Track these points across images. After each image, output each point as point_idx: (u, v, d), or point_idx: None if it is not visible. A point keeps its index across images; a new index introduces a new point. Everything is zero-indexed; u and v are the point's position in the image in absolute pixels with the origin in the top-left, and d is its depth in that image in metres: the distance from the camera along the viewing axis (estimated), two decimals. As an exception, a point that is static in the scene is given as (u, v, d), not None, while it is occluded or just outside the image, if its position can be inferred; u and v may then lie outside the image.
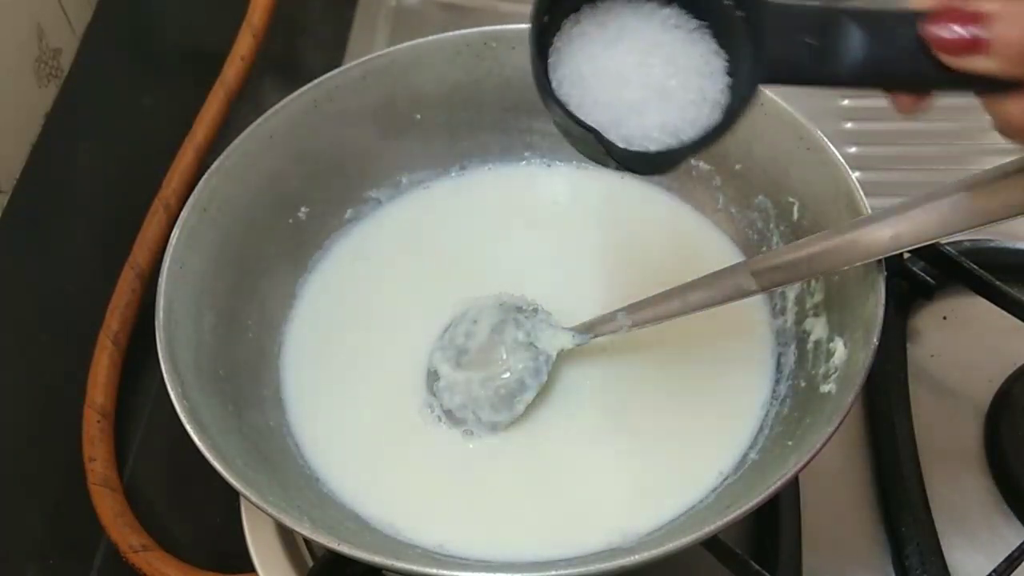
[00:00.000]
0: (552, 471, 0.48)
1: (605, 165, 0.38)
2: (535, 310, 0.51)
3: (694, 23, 0.37)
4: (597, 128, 0.36)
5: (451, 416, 0.49)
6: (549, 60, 0.37)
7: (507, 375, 0.49)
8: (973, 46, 0.33)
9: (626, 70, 0.36)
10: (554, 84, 0.36)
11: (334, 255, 0.56)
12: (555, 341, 0.49)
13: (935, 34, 0.34)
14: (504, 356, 0.49)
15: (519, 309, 0.51)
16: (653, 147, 0.36)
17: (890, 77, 0.36)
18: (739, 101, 0.37)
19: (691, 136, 0.36)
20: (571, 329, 0.49)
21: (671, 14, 0.37)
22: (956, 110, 0.72)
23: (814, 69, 0.36)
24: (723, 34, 0.37)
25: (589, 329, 0.49)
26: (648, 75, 0.36)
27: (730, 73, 0.37)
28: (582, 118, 0.36)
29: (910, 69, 0.35)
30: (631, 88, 0.36)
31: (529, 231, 0.57)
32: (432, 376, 0.50)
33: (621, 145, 0.36)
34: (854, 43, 0.35)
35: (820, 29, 0.35)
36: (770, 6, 0.36)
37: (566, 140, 0.38)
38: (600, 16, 0.37)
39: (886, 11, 0.36)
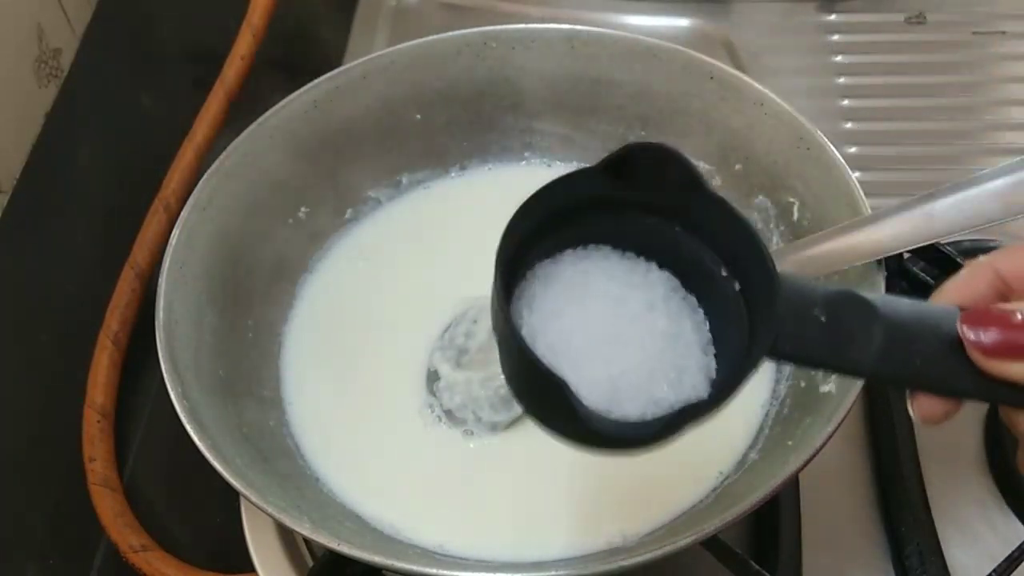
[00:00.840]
0: (552, 471, 0.48)
1: (564, 435, 0.32)
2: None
3: (679, 290, 0.34)
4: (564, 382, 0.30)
5: (451, 416, 0.49)
6: (516, 301, 0.33)
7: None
8: (1015, 351, 0.31)
9: (595, 337, 0.33)
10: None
11: (334, 255, 0.56)
12: None
13: (972, 335, 0.32)
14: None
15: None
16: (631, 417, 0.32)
17: (916, 375, 0.33)
18: (736, 376, 0.32)
19: (670, 410, 0.32)
20: None
21: (647, 275, 0.34)
22: (956, 110, 0.72)
23: (827, 353, 0.32)
24: (713, 302, 0.34)
25: None
26: (624, 349, 0.33)
27: (717, 343, 0.34)
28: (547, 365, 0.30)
29: (937, 369, 0.33)
30: (600, 358, 0.32)
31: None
32: (432, 376, 0.50)
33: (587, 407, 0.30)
34: (874, 329, 0.32)
35: (835, 309, 0.32)
36: (782, 279, 0.32)
37: (518, 401, 0.33)
38: (576, 266, 0.34)
39: (913, 302, 0.33)
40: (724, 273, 0.34)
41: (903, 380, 0.34)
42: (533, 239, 0.34)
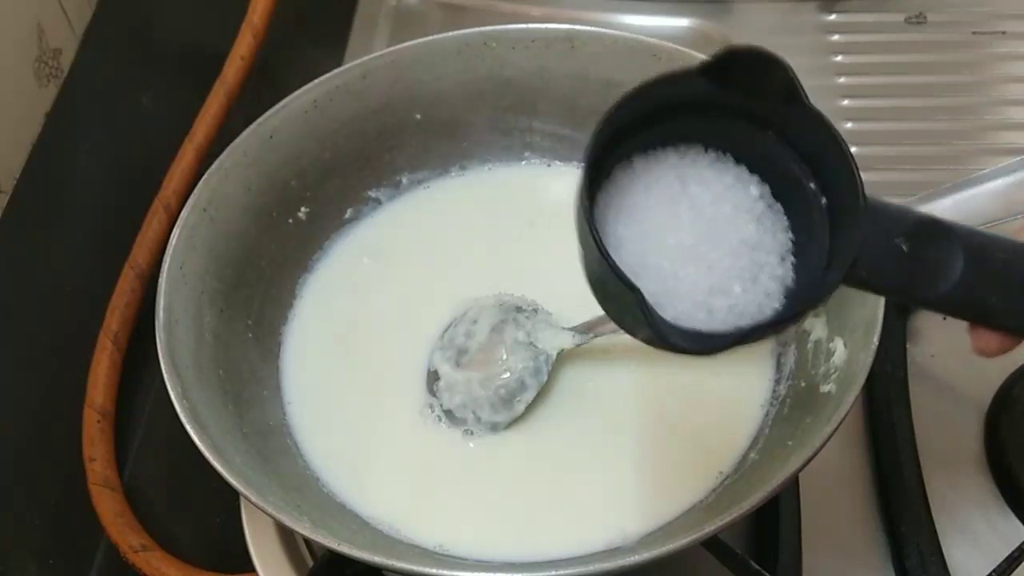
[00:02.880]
0: (552, 471, 0.48)
1: (634, 335, 0.33)
2: (535, 310, 0.51)
3: (766, 197, 0.34)
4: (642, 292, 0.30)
5: (451, 416, 0.49)
6: (597, 206, 0.33)
7: (507, 375, 0.48)
8: None
9: (681, 238, 0.33)
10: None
11: (334, 255, 0.56)
12: (555, 341, 0.49)
13: None
14: (504, 356, 0.49)
15: (519, 309, 0.51)
16: (700, 326, 0.32)
17: (986, 309, 0.33)
18: (810, 297, 0.32)
19: (746, 322, 0.32)
20: (571, 329, 0.49)
21: (738, 178, 0.34)
22: (956, 110, 0.72)
23: (902, 283, 0.32)
24: (797, 213, 0.34)
25: (589, 329, 0.49)
26: (706, 250, 0.33)
27: (797, 255, 0.34)
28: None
29: (1012, 306, 0.33)
30: (681, 259, 0.33)
31: (529, 231, 0.57)
32: (432, 376, 0.50)
33: (665, 317, 0.31)
34: (955, 263, 0.32)
35: (919, 239, 0.32)
36: (867, 202, 0.32)
37: (595, 296, 0.34)
38: (657, 169, 0.33)
39: (997, 237, 0.33)
40: (813, 187, 0.33)
41: (973, 314, 0.34)
42: (626, 135, 0.33)
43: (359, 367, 0.52)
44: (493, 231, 0.57)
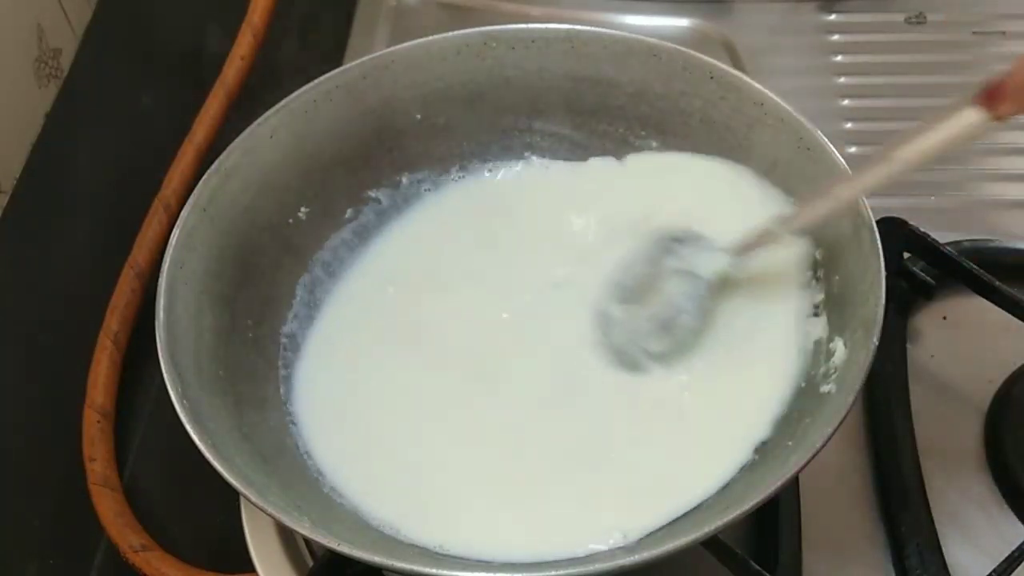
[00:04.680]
0: (553, 471, 0.48)
1: None
2: (690, 237, 0.51)
3: None
4: None
5: (622, 354, 0.50)
6: None
7: (664, 304, 0.50)
8: None
9: None
10: None
11: (334, 255, 0.56)
12: (712, 264, 0.49)
13: None
14: (662, 287, 0.50)
15: (675, 239, 0.51)
16: None
17: None
18: None
19: None
20: (727, 250, 0.49)
21: None
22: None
23: None
24: None
25: (745, 248, 0.49)
26: None
27: None
28: None
29: None
30: None
31: (529, 230, 0.57)
32: (602, 319, 0.51)
33: None
34: None
35: None
36: None
37: None
38: None
39: None
40: None
41: None
42: None
43: (358, 367, 0.52)
44: (493, 231, 0.57)
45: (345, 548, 0.39)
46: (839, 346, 0.46)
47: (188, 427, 0.42)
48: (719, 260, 0.49)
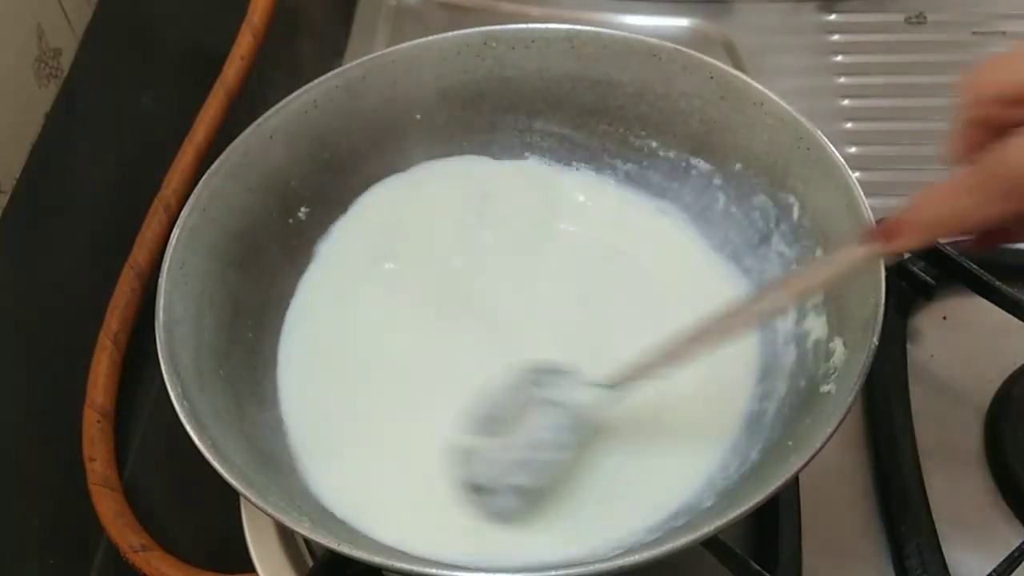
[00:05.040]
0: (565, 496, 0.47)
1: None
2: (556, 371, 0.48)
3: None
4: None
5: (481, 491, 0.46)
6: None
7: (533, 439, 0.46)
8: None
9: None
10: None
11: (334, 255, 0.56)
12: (580, 397, 0.46)
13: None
14: (528, 422, 0.46)
15: (540, 371, 0.48)
16: None
17: None
18: None
19: None
20: (598, 385, 0.46)
21: None
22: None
23: None
24: None
25: (618, 381, 0.45)
26: None
27: None
28: None
29: None
30: None
31: (529, 229, 0.57)
32: (460, 455, 0.47)
33: None
34: None
35: None
36: None
37: None
38: None
39: None
40: None
41: None
42: None
43: (357, 368, 0.52)
44: (493, 231, 0.57)
45: (345, 548, 0.39)
46: (839, 346, 0.46)
47: (188, 427, 0.42)
48: (589, 393, 0.46)
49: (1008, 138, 0.33)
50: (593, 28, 0.55)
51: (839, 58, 0.76)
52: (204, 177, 0.50)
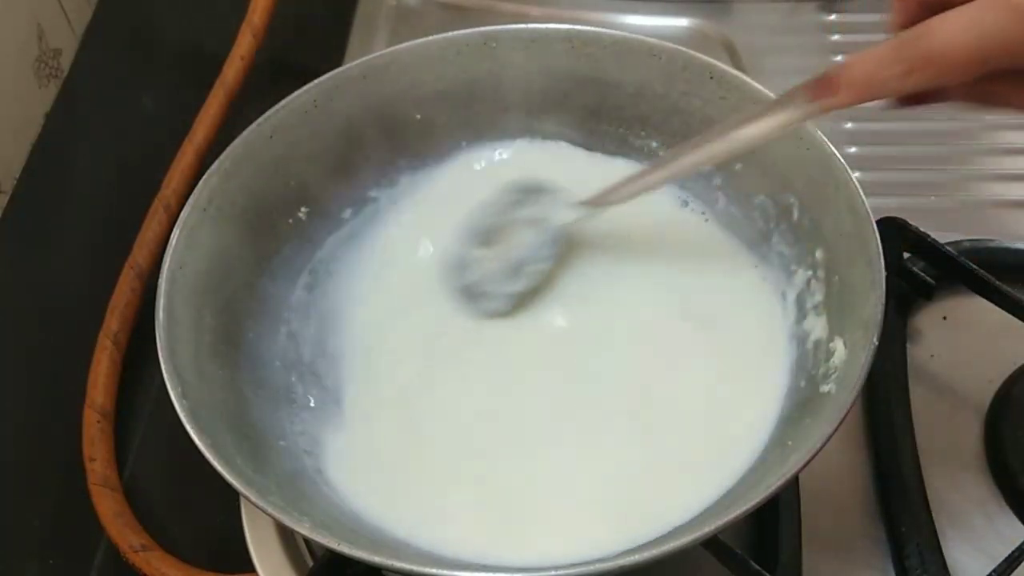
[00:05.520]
0: (554, 474, 0.48)
1: None
2: (543, 189, 0.54)
3: None
4: None
5: (467, 292, 0.53)
6: None
7: (517, 249, 0.53)
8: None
9: None
10: None
11: (333, 255, 0.56)
12: (561, 214, 0.52)
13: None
14: (515, 232, 0.53)
15: (528, 190, 0.54)
16: None
17: None
18: None
19: None
20: (579, 203, 0.52)
21: None
22: (956, 110, 0.72)
23: None
24: None
25: (596, 202, 0.52)
26: None
27: None
28: None
29: None
30: None
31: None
32: (455, 263, 0.54)
33: None
34: None
35: None
36: None
37: None
38: None
39: None
40: None
41: None
42: None
43: (355, 367, 0.52)
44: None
45: (345, 548, 0.39)
46: (839, 346, 0.46)
47: (188, 427, 0.42)
48: (569, 211, 0.52)
49: (933, 18, 0.36)
50: (593, 28, 0.55)
51: (839, 58, 0.76)
52: (204, 177, 0.50)
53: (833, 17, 0.79)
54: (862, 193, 0.47)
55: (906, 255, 0.58)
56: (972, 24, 0.35)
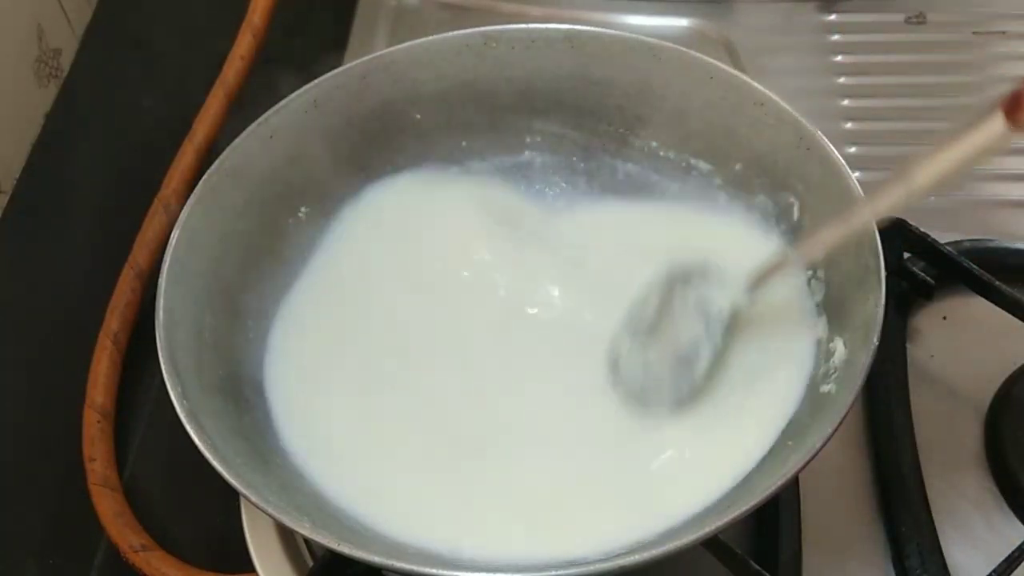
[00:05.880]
0: (556, 472, 0.47)
1: None
2: (704, 272, 0.49)
3: None
4: None
5: (639, 398, 0.49)
6: None
7: (679, 343, 0.48)
8: None
9: None
10: None
11: (334, 255, 0.56)
12: (723, 298, 0.48)
13: None
14: (676, 325, 0.49)
15: (688, 274, 0.49)
16: None
17: None
18: None
19: None
20: (740, 284, 0.48)
21: None
22: (956, 110, 0.72)
23: None
24: None
25: (759, 279, 0.47)
26: None
27: None
28: None
29: None
30: None
31: (528, 230, 0.57)
32: (615, 364, 0.50)
33: None
34: None
35: None
36: None
37: None
38: None
39: None
40: None
41: None
42: None
43: (354, 367, 0.52)
44: (494, 231, 0.57)
45: (345, 548, 0.39)
46: (839, 346, 0.46)
47: (188, 427, 0.42)
48: (735, 294, 0.48)
49: None
50: (593, 28, 0.55)
51: (839, 58, 0.76)
52: (204, 177, 0.50)
53: (833, 17, 0.79)
54: (862, 193, 0.47)
55: (906, 255, 0.58)
56: None
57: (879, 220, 0.44)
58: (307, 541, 0.50)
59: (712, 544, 0.44)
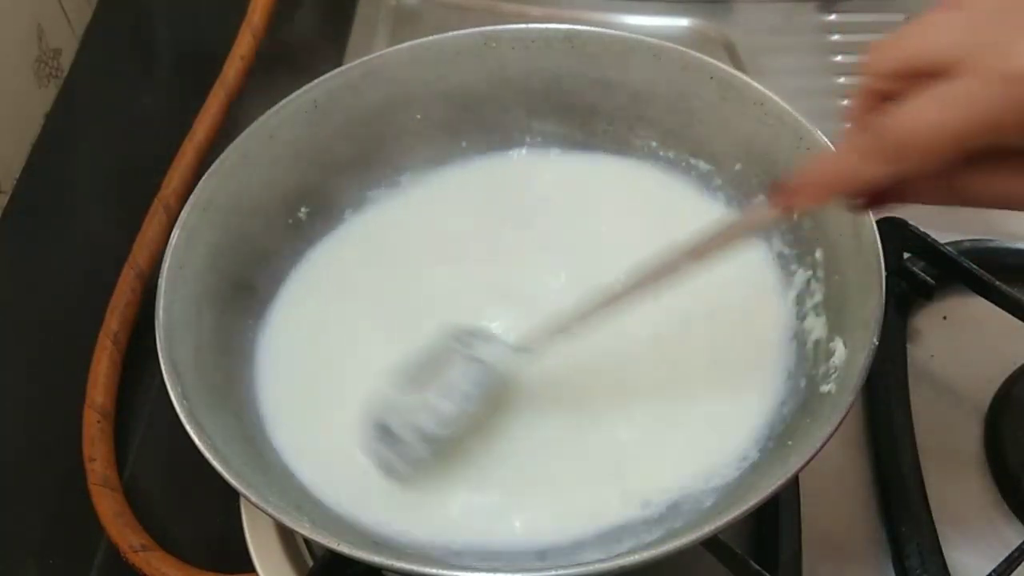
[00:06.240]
0: (555, 469, 0.48)
1: None
2: (475, 333, 0.48)
3: None
4: None
5: (390, 437, 0.46)
6: None
7: (446, 390, 0.46)
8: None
9: None
10: None
11: (333, 255, 0.56)
12: (495, 353, 0.47)
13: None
14: (444, 374, 0.47)
15: (463, 333, 0.48)
16: None
17: None
18: None
19: None
20: (514, 346, 0.47)
21: None
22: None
23: None
24: None
25: (537, 339, 0.46)
26: None
27: None
28: None
29: None
30: None
31: (527, 229, 0.57)
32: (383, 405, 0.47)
33: None
34: None
35: None
36: None
37: None
38: None
39: None
40: None
41: None
42: None
43: (348, 367, 0.52)
44: (494, 231, 0.57)
45: (345, 548, 0.39)
46: (839, 346, 0.46)
47: (188, 427, 0.42)
48: (506, 353, 0.47)
49: (896, 105, 0.34)
50: (593, 28, 0.55)
51: (839, 58, 0.76)
52: (204, 177, 0.50)
53: (833, 17, 0.79)
54: (862, 193, 0.47)
55: (906, 255, 0.58)
56: (955, 100, 0.32)
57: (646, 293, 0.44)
58: (307, 541, 0.50)
59: (712, 544, 0.44)
